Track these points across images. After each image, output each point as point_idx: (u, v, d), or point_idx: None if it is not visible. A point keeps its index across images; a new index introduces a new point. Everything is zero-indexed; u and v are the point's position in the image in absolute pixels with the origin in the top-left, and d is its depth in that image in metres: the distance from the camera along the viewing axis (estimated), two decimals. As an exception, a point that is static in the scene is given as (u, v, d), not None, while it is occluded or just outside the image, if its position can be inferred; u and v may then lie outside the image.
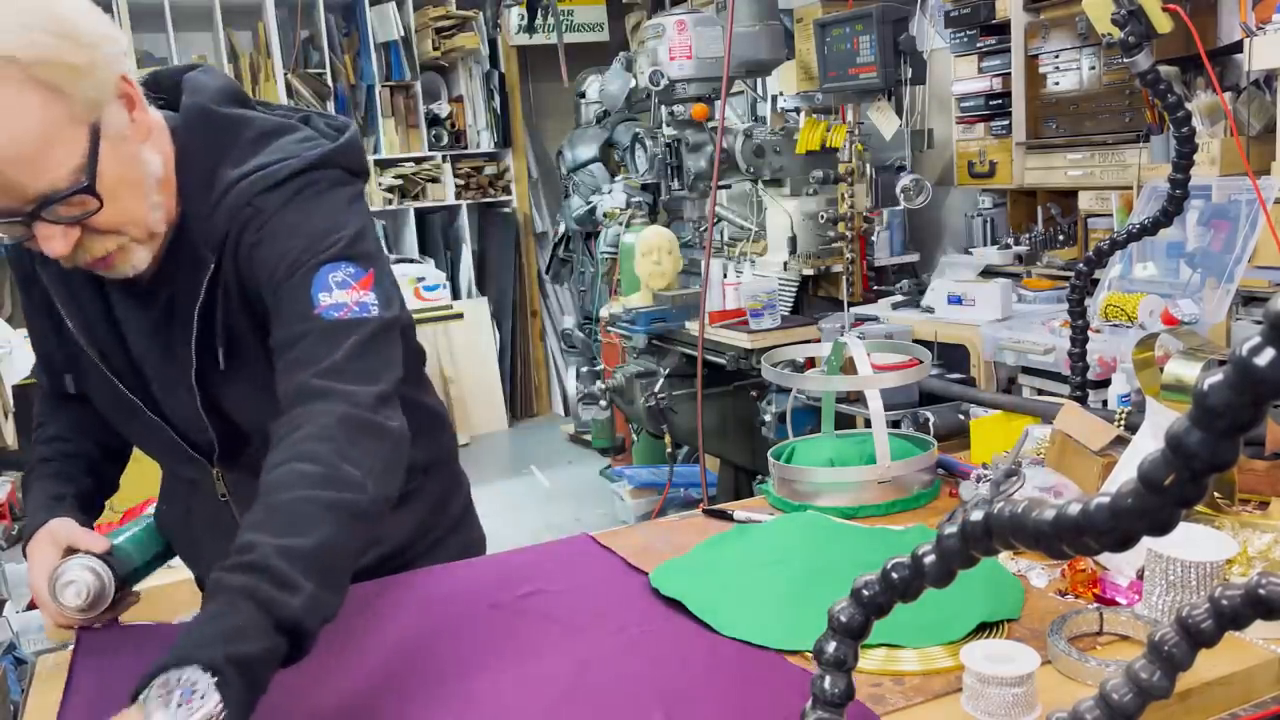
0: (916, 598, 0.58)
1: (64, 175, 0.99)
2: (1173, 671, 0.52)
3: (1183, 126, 1.48)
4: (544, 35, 5.73)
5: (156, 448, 1.31)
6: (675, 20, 3.50)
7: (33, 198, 0.99)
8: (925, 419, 1.78)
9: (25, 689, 1.16)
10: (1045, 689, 0.95)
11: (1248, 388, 0.41)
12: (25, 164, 0.97)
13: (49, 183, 0.99)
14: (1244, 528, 1.20)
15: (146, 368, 1.24)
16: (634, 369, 3.59)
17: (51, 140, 0.98)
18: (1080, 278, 1.66)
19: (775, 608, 1.14)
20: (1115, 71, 2.94)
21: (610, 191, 5.05)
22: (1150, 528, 0.46)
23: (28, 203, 0.99)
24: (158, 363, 1.23)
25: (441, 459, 1.45)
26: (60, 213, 1.01)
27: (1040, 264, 3.21)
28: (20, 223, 1.01)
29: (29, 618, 3.00)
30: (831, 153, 3.52)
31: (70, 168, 1.00)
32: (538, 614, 1.21)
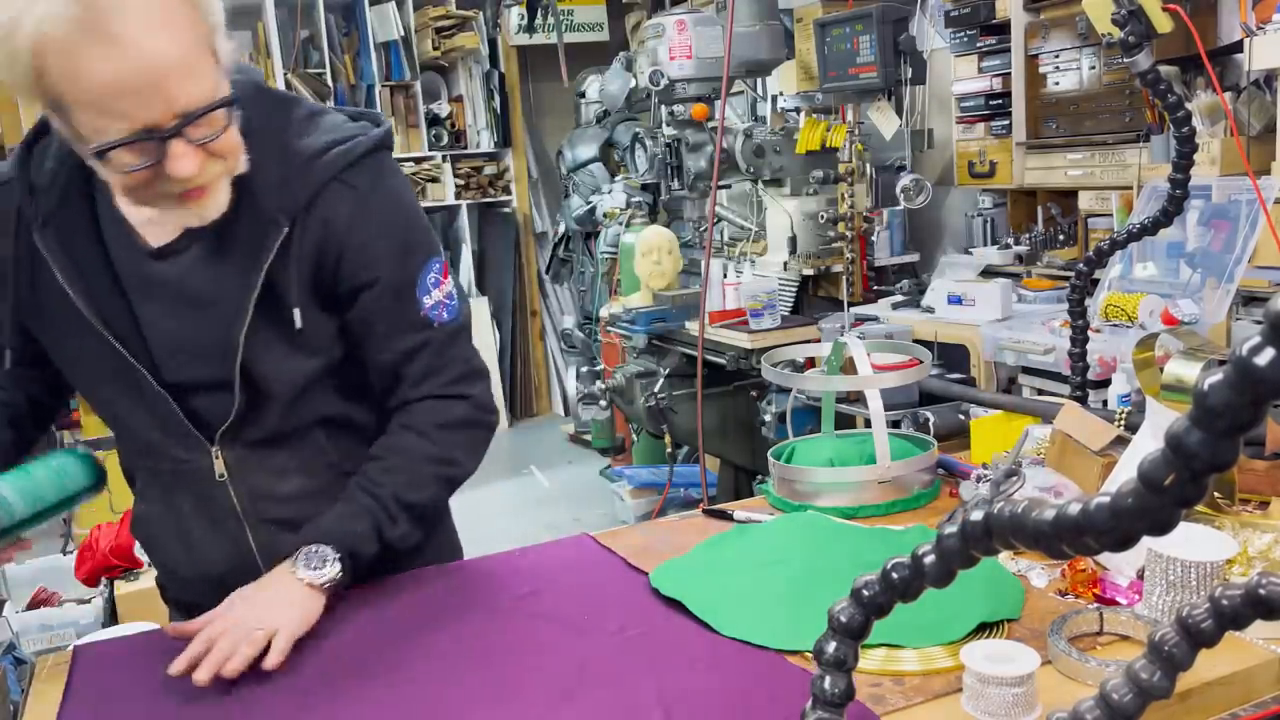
0: (916, 598, 0.58)
1: (205, 91, 1.05)
2: (1173, 671, 0.52)
3: (1183, 126, 1.48)
4: (544, 35, 5.72)
5: (147, 425, 1.26)
6: (675, 20, 3.50)
7: (180, 111, 1.03)
8: (925, 419, 1.78)
9: (25, 689, 1.16)
10: (1045, 689, 0.95)
11: (1248, 388, 0.41)
12: (181, 75, 1.03)
13: (195, 97, 1.04)
14: (1244, 528, 1.20)
15: (157, 335, 1.23)
16: (634, 369, 3.59)
17: (198, 56, 1.05)
18: (1080, 278, 1.66)
19: (775, 608, 1.14)
20: (1115, 71, 2.94)
21: (610, 191, 5.05)
22: (1150, 528, 0.46)
23: (174, 117, 1.03)
24: (176, 328, 1.22)
25: None
26: (192, 134, 1.06)
27: (1040, 264, 3.21)
28: (158, 140, 1.04)
29: (29, 617, 3.00)
30: (831, 153, 3.52)
31: (207, 86, 1.06)
32: (538, 614, 1.21)
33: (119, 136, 1.02)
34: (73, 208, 1.21)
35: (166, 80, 1.02)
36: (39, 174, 1.20)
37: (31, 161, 1.21)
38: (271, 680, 1.09)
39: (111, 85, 1.00)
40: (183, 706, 1.06)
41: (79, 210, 1.21)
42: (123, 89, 1.00)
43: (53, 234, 1.19)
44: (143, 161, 1.05)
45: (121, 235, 1.21)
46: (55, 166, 1.20)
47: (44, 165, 1.20)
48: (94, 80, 0.99)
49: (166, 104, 1.02)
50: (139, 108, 1.01)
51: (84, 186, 1.20)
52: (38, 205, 1.20)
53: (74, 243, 1.20)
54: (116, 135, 1.03)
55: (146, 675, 1.13)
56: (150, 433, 1.27)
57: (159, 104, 1.02)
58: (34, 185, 1.20)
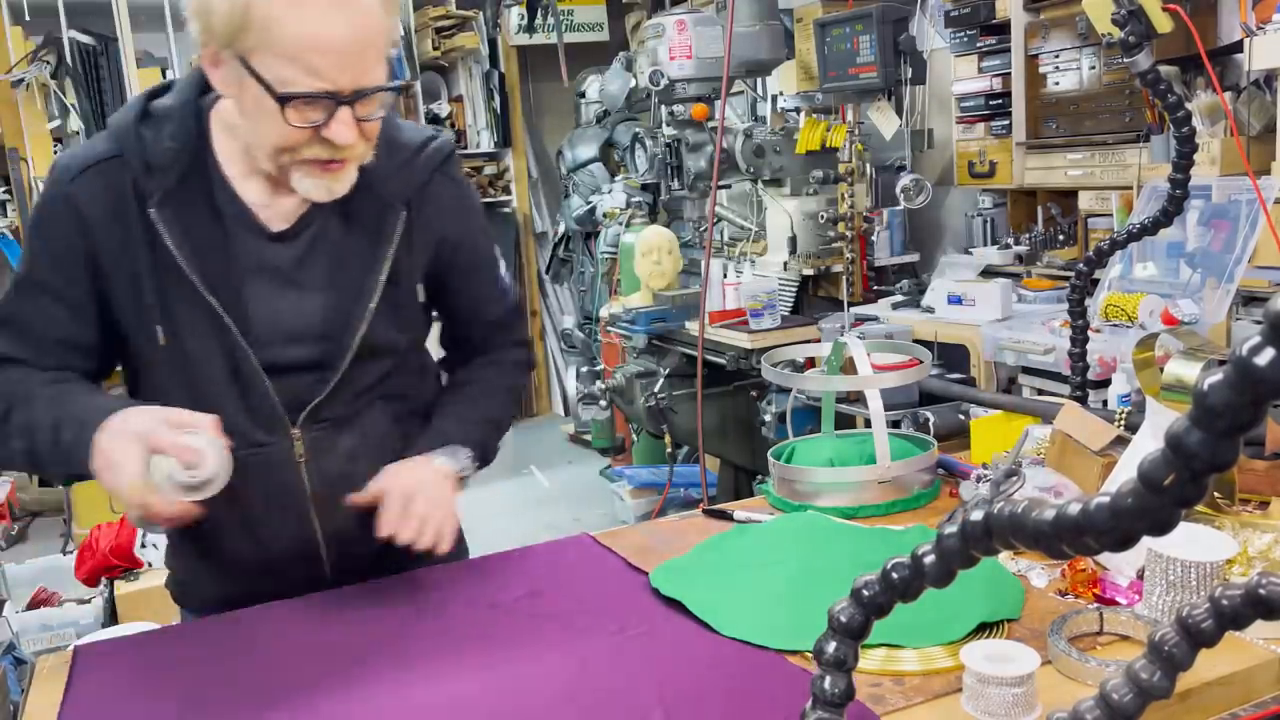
0: (916, 598, 0.58)
1: (382, 73, 1.16)
2: (1173, 671, 0.52)
3: (1183, 126, 1.48)
4: (544, 35, 5.72)
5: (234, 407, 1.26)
6: (675, 20, 3.50)
7: (362, 84, 1.13)
8: (925, 419, 1.78)
9: (25, 689, 1.16)
10: (1045, 689, 0.95)
11: (1248, 388, 0.41)
12: (375, 51, 1.14)
13: (376, 75, 1.15)
14: (1244, 528, 1.20)
15: (265, 316, 1.26)
16: (634, 369, 3.59)
17: (384, 41, 1.16)
18: (1080, 278, 1.66)
19: (775, 608, 1.14)
20: (1115, 71, 2.94)
21: (610, 191, 5.04)
22: (1150, 528, 0.46)
23: (355, 87, 1.13)
24: (285, 309, 1.27)
25: None
26: (360, 108, 1.15)
27: (1040, 264, 3.21)
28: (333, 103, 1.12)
29: (29, 617, 3.00)
30: (831, 153, 3.52)
31: (384, 70, 1.17)
32: (538, 614, 1.21)
33: (304, 90, 1.10)
34: (191, 188, 1.23)
35: (366, 52, 1.12)
36: (155, 153, 1.22)
37: (145, 142, 1.22)
38: (272, 680, 1.09)
39: (319, 38, 1.09)
40: (183, 707, 1.06)
41: (197, 191, 1.24)
42: (329, 47, 1.10)
43: (170, 211, 1.22)
44: (310, 120, 1.13)
45: (241, 217, 1.26)
46: (175, 147, 1.22)
47: (161, 144, 1.22)
48: (302, 29, 1.08)
49: (355, 74, 1.12)
50: (336, 68, 1.11)
51: (202, 169, 1.24)
52: (154, 182, 1.22)
53: (191, 221, 1.23)
54: (302, 89, 1.10)
55: (146, 675, 1.13)
56: (235, 415, 1.26)
57: (351, 71, 1.12)
58: (150, 164, 1.22)
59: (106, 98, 5.14)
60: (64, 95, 4.97)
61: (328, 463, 1.31)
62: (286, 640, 1.19)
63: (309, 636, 1.18)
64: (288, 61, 1.09)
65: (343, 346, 1.28)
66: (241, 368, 1.26)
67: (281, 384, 1.27)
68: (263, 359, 1.26)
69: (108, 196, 1.22)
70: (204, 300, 1.22)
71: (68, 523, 3.97)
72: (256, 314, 1.26)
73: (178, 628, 1.31)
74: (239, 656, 1.16)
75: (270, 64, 1.10)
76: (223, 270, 1.24)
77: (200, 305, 1.23)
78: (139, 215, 1.22)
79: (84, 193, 1.22)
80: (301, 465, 1.30)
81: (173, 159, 1.22)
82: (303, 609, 1.28)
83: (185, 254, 1.22)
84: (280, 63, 1.10)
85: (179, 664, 1.16)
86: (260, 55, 1.10)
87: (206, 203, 1.24)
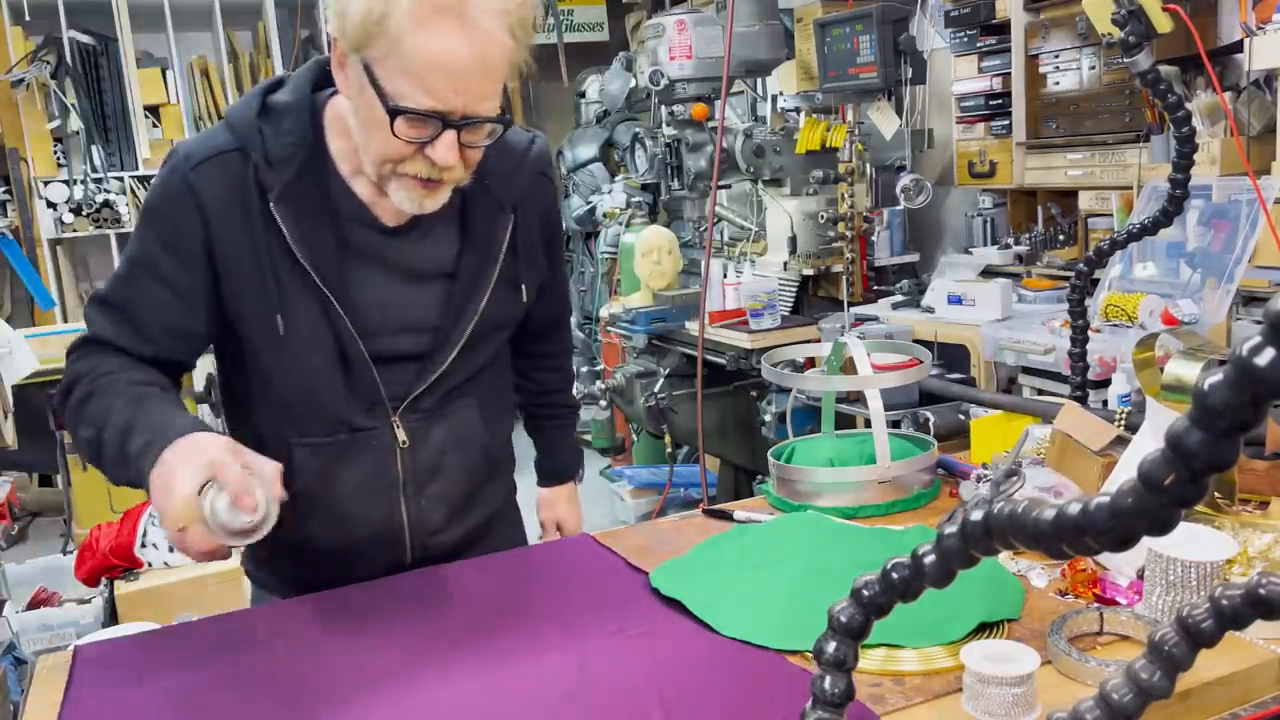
0: (916, 598, 0.58)
1: (494, 104, 1.18)
2: (1173, 671, 0.52)
3: (1183, 126, 1.48)
4: (544, 35, 5.72)
5: (339, 395, 1.30)
6: (675, 20, 3.50)
7: (472, 111, 1.15)
8: (925, 419, 1.78)
9: (25, 689, 1.16)
10: (1045, 689, 0.95)
11: (1248, 388, 0.41)
12: (491, 80, 1.15)
13: (488, 105, 1.16)
14: (1244, 528, 1.20)
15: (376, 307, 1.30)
16: (634, 369, 3.59)
17: (503, 74, 1.17)
18: (1080, 278, 1.66)
19: (775, 608, 1.14)
20: (1115, 71, 2.94)
21: (610, 191, 5.04)
22: (1150, 528, 0.46)
23: (465, 112, 1.15)
24: (396, 301, 1.31)
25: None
26: (467, 135, 1.17)
27: (1040, 264, 3.21)
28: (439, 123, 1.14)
29: (29, 617, 3.00)
30: (831, 153, 3.52)
31: (497, 101, 1.18)
32: (538, 614, 1.21)
33: (416, 106, 1.12)
34: (307, 182, 1.26)
35: (481, 79, 1.14)
36: (276, 147, 1.24)
37: (265, 136, 1.24)
38: (272, 681, 1.09)
39: (441, 60, 1.10)
40: (183, 706, 1.06)
41: (313, 185, 1.26)
42: (449, 69, 1.11)
43: (288, 205, 1.24)
44: (416, 137, 1.15)
45: (357, 211, 1.29)
46: (294, 142, 1.25)
47: (282, 139, 1.24)
48: (430, 48, 1.10)
49: (468, 99, 1.14)
50: (450, 90, 1.12)
51: (319, 167, 1.26)
52: (275, 176, 1.24)
53: (308, 214, 1.26)
54: (416, 105, 1.12)
55: (146, 675, 1.13)
56: (338, 401, 1.31)
57: (464, 96, 1.13)
58: (270, 158, 1.24)
59: (106, 98, 5.15)
60: (64, 95, 4.98)
61: (422, 453, 1.36)
62: (286, 639, 1.19)
63: (309, 635, 1.18)
64: (407, 76, 1.11)
65: (450, 340, 1.33)
66: (350, 356, 1.29)
67: (387, 373, 1.31)
68: (371, 349, 1.29)
69: (230, 188, 1.24)
70: (319, 291, 1.26)
71: (68, 523, 3.97)
72: (367, 305, 1.29)
73: (178, 628, 1.31)
74: (239, 655, 1.16)
75: (391, 75, 1.12)
76: (336, 263, 1.28)
77: (314, 296, 1.26)
78: (260, 208, 1.24)
79: (206, 183, 1.24)
80: (399, 452, 1.34)
81: (292, 154, 1.25)
82: (304, 607, 1.28)
83: (302, 247, 1.24)
84: (400, 76, 1.12)
85: (179, 664, 1.16)
86: (384, 65, 1.12)
87: (322, 197, 1.27)
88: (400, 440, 1.34)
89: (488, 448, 1.43)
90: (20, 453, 3.46)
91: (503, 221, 1.36)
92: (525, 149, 1.40)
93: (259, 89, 1.29)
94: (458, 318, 1.34)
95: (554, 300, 1.57)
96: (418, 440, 1.35)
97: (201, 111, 5.42)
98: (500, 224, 1.36)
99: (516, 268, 1.39)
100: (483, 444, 1.42)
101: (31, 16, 4.88)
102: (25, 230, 4.99)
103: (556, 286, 1.56)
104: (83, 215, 5.06)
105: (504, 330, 1.43)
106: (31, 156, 4.99)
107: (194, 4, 5.27)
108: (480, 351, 1.38)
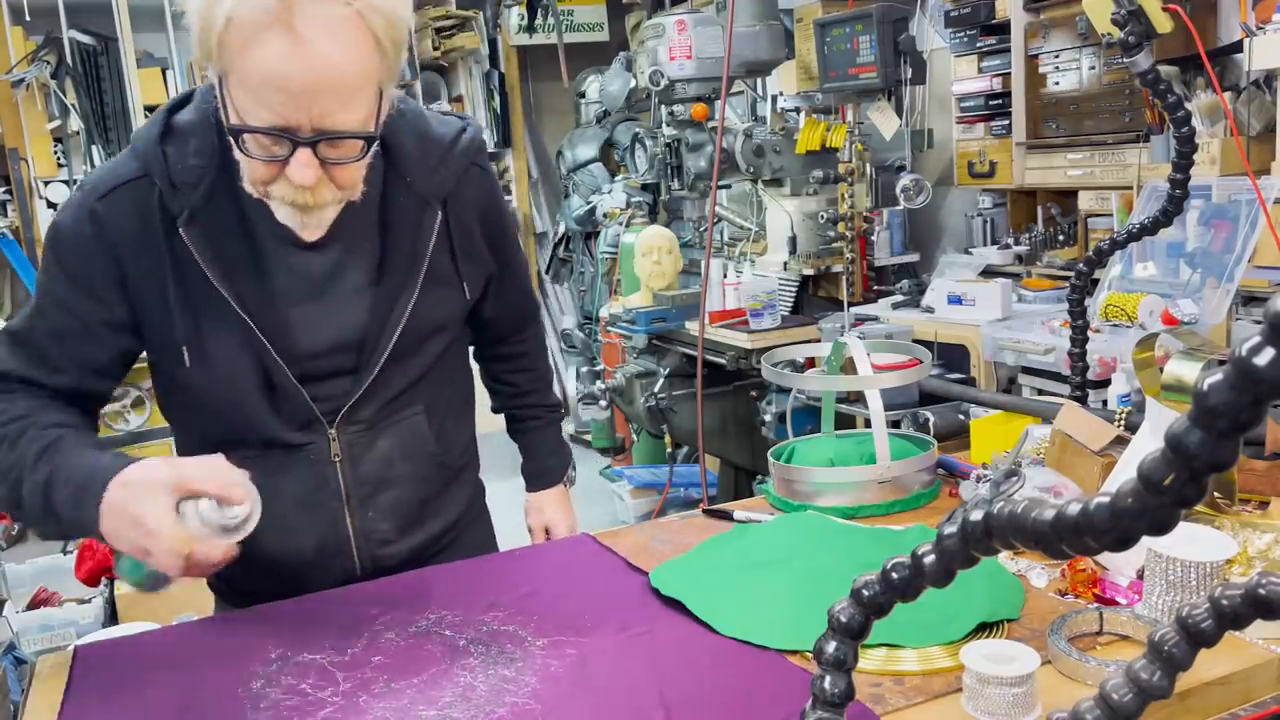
0: (916, 598, 0.58)
1: (355, 119, 1.11)
2: (1173, 671, 0.52)
3: (1183, 126, 1.48)
4: (544, 35, 5.72)
5: (267, 414, 1.27)
6: (675, 20, 3.50)
7: (322, 126, 1.09)
8: (925, 419, 1.78)
9: (25, 689, 1.16)
10: (1045, 689, 0.95)
11: (1248, 388, 0.41)
12: (337, 94, 1.08)
13: (341, 120, 1.10)
14: (1244, 528, 1.20)
15: (300, 324, 1.26)
16: (634, 369, 3.59)
17: (360, 86, 1.10)
18: (1080, 278, 1.66)
19: (775, 608, 1.14)
20: (1115, 71, 2.94)
21: (610, 191, 5.04)
22: (1150, 527, 0.46)
23: (314, 130, 1.09)
24: (321, 316, 1.26)
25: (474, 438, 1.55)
26: (324, 151, 1.11)
27: (1040, 264, 3.21)
28: (291, 142, 1.09)
29: (29, 617, 3.00)
30: (831, 153, 3.52)
31: (360, 116, 1.11)
32: (538, 614, 1.21)
33: (259, 124, 1.08)
34: (219, 203, 1.22)
35: (322, 94, 1.07)
36: (180, 171, 1.20)
37: (169, 160, 1.21)
38: (272, 680, 1.09)
39: (273, 76, 1.05)
40: (183, 706, 1.06)
41: (226, 206, 1.22)
42: (281, 84, 1.05)
43: (198, 229, 1.21)
44: (269, 156, 1.11)
45: (272, 229, 1.23)
46: (202, 164, 1.21)
47: (186, 163, 1.21)
48: (260, 65, 1.05)
49: (312, 114, 1.08)
50: (288, 106, 1.07)
51: (230, 184, 1.21)
52: (181, 201, 1.20)
53: (221, 237, 1.22)
54: (258, 122, 1.08)
55: (146, 675, 1.13)
56: (269, 422, 1.28)
57: (306, 111, 1.07)
58: (175, 182, 1.20)
59: (106, 98, 5.15)
60: (64, 95, 4.98)
61: (363, 465, 1.32)
62: (286, 639, 1.19)
63: (309, 636, 1.18)
64: (246, 91, 1.07)
65: (378, 349, 1.28)
66: (275, 380, 1.26)
67: (317, 389, 1.28)
68: (296, 371, 1.26)
69: (136, 217, 1.21)
70: (237, 316, 1.22)
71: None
72: (290, 326, 1.25)
73: (178, 628, 1.31)
74: (239, 656, 1.16)
75: (235, 91, 1.08)
76: (255, 285, 1.24)
77: (233, 322, 1.22)
78: (167, 235, 1.21)
79: (112, 214, 1.21)
80: (337, 465, 1.31)
81: (198, 176, 1.20)
82: (304, 608, 1.28)
83: (217, 272, 1.21)
84: (241, 92, 1.08)
85: (179, 664, 1.16)
86: (228, 81, 1.09)
87: (236, 217, 1.23)
88: (334, 454, 1.30)
89: (440, 455, 1.39)
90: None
91: (429, 219, 1.30)
92: (453, 140, 1.33)
93: (164, 108, 1.25)
94: (383, 325, 1.28)
95: (513, 296, 1.51)
96: (359, 452, 1.32)
97: (201, 111, 5.41)
98: (426, 222, 1.30)
99: (452, 265, 1.34)
100: (432, 452, 1.38)
101: (31, 16, 4.88)
102: (25, 230, 5.00)
103: (513, 282, 1.49)
104: (83, 215, 5.06)
105: (443, 333, 1.37)
106: (31, 156, 4.99)
107: (194, 4, 5.26)
108: (419, 356, 1.33)
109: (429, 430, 1.38)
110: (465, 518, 1.49)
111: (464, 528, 1.49)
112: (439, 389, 1.39)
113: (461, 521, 1.48)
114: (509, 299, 1.50)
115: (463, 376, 1.48)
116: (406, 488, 1.36)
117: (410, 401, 1.35)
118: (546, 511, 1.63)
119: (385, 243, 1.29)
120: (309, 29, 1.04)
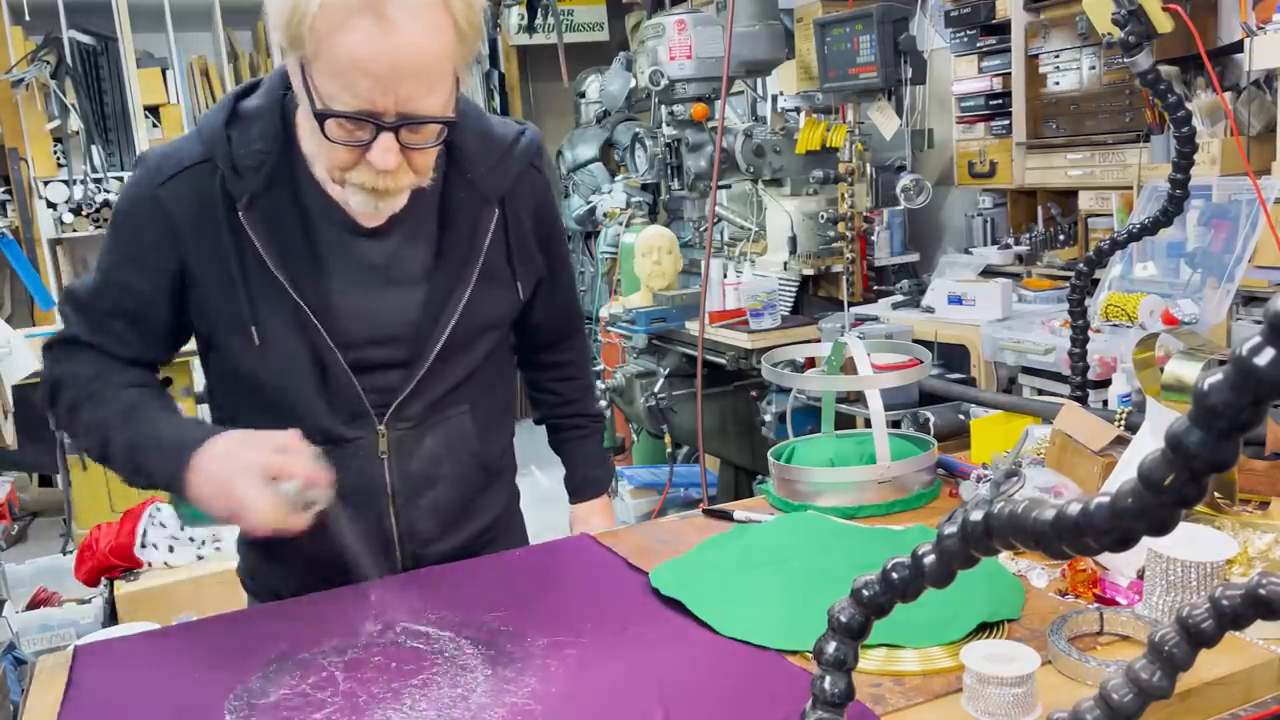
0: (916, 598, 0.58)
1: (436, 104, 1.13)
2: (1173, 671, 0.52)
3: (1183, 126, 1.48)
4: (544, 35, 5.72)
5: (319, 405, 1.28)
6: (675, 20, 3.50)
7: (406, 110, 1.10)
8: (925, 419, 1.78)
9: (25, 689, 1.16)
10: (1045, 689, 0.95)
11: (1248, 388, 0.41)
12: (422, 79, 1.09)
13: (424, 105, 1.11)
14: (1244, 528, 1.20)
15: (354, 313, 1.27)
16: (634, 369, 3.59)
17: (446, 71, 1.12)
18: (1080, 278, 1.66)
19: (775, 608, 1.14)
20: (1115, 71, 2.94)
21: (610, 191, 5.04)
22: (1150, 528, 0.46)
23: (398, 114, 1.10)
24: (376, 306, 1.28)
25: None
26: (406, 136, 1.12)
27: (1040, 264, 3.21)
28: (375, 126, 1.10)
29: (29, 617, 3.00)
30: (831, 153, 3.52)
31: (441, 100, 1.13)
32: (538, 614, 1.21)
33: (344, 108, 1.09)
34: (279, 190, 1.23)
35: (408, 78, 1.08)
36: (243, 156, 1.22)
37: (233, 144, 1.22)
38: (272, 680, 1.09)
39: (361, 59, 1.06)
40: (183, 706, 1.06)
41: (285, 192, 1.24)
42: (368, 69, 1.07)
43: (258, 214, 1.22)
44: (352, 141, 1.12)
45: (332, 215, 1.25)
46: (262, 150, 1.22)
47: (249, 148, 1.22)
48: (349, 49, 1.06)
49: (398, 98, 1.09)
50: (375, 90, 1.08)
51: (290, 171, 1.23)
52: (243, 186, 1.22)
53: (279, 223, 1.24)
54: (343, 107, 1.09)
55: (146, 675, 1.13)
56: (320, 412, 1.29)
57: (393, 94, 1.08)
58: (238, 167, 1.22)
59: (106, 98, 5.15)
60: (64, 95, 4.98)
61: (410, 462, 1.33)
62: (286, 639, 1.19)
63: (309, 636, 1.18)
64: (331, 75, 1.08)
65: (430, 341, 1.30)
66: (328, 367, 1.27)
67: (369, 380, 1.29)
68: (349, 358, 1.27)
69: (198, 201, 1.23)
70: (293, 301, 1.24)
71: (68, 523, 3.97)
72: (345, 313, 1.27)
73: (178, 628, 1.31)
74: (239, 656, 1.16)
75: (321, 76, 1.09)
76: (311, 271, 1.25)
77: (289, 306, 1.24)
78: (228, 219, 1.23)
79: (174, 197, 1.23)
80: (384, 462, 1.32)
81: (260, 161, 1.22)
82: (304, 608, 1.28)
83: (274, 256, 1.23)
84: (325, 76, 1.09)
85: (179, 664, 1.16)
86: (314, 66, 1.10)
87: (294, 203, 1.25)
88: (381, 450, 1.31)
89: (482, 456, 1.40)
90: (20, 453, 3.46)
91: (486, 216, 1.31)
92: (513, 140, 1.35)
93: (231, 94, 1.27)
94: (436, 319, 1.29)
95: (561, 305, 1.52)
96: (406, 449, 1.33)
97: (202, 111, 5.42)
98: (483, 219, 1.31)
99: (507, 264, 1.35)
100: (476, 452, 1.39)
101: (31, 16, 4.88)
102: (25, 230, 5.00)
103: (562, 290, 1.50)
104: (82, 215, 5.07)
105: (493, 331, 1.38)
106: (31, 156, 4.99)
107: (194, 4, 5.27)
108: (469, 354, 1.34)
109: (473, 430, 1.38)
110: (502, 520, 1.50)
111: (500, 529, 1.50)
112: (484, 390, 1.40)
113: (498, 523, 1.49)
114: (558, 303, 1.51)
115: (507, 380, 1.49)
116: (450, 487, 1.37)
117: (457, 401, 1.36)
118: (593, 523, 1.60)
119: (443, 236, 1.31)
120: (397, 13, 1.06)
